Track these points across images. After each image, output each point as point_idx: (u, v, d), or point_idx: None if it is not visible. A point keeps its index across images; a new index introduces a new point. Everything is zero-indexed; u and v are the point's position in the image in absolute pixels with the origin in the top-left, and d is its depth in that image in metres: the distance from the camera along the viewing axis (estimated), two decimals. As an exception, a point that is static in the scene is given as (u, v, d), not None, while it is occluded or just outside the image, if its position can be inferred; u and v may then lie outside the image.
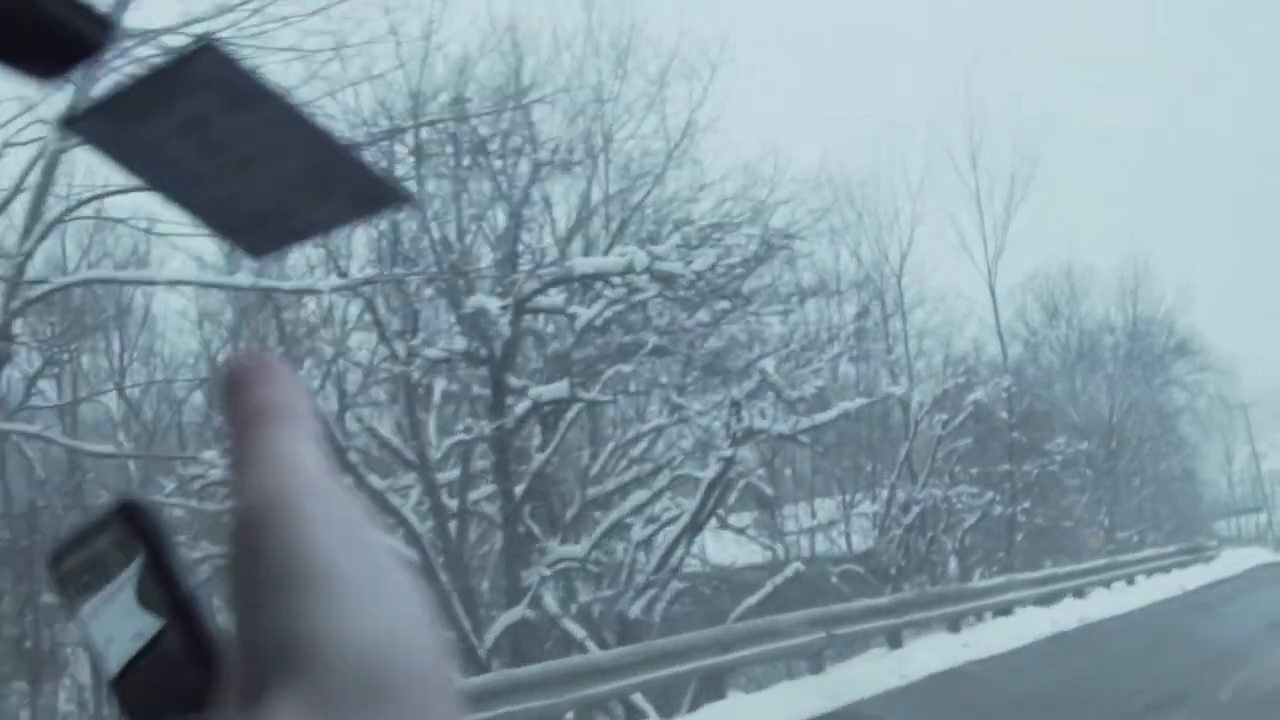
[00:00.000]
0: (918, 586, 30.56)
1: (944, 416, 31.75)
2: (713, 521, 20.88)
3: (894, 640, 15.31)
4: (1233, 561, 30.51)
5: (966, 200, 33.17)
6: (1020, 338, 49.46)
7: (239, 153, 0.49)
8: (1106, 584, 22.56)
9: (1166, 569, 27.12)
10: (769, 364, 18.11)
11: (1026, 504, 31.30)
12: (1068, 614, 18.24)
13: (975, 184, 32.82)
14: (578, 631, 16.42)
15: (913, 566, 31.34)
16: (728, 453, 16.86)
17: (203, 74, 0.47)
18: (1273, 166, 75.20)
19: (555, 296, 15.23)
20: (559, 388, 15.20)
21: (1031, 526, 33.21)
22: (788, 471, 34.40)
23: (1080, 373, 51.00)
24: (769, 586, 19.48)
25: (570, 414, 16.15)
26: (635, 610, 18.65)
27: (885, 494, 32.53)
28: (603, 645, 17.86)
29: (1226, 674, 12.40)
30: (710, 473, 18.84)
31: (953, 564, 31.92)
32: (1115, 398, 50.01)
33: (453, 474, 17.13)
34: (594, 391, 15.81)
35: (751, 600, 19.50)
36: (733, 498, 20.23)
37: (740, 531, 20.25)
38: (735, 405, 18.19)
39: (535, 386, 15.35)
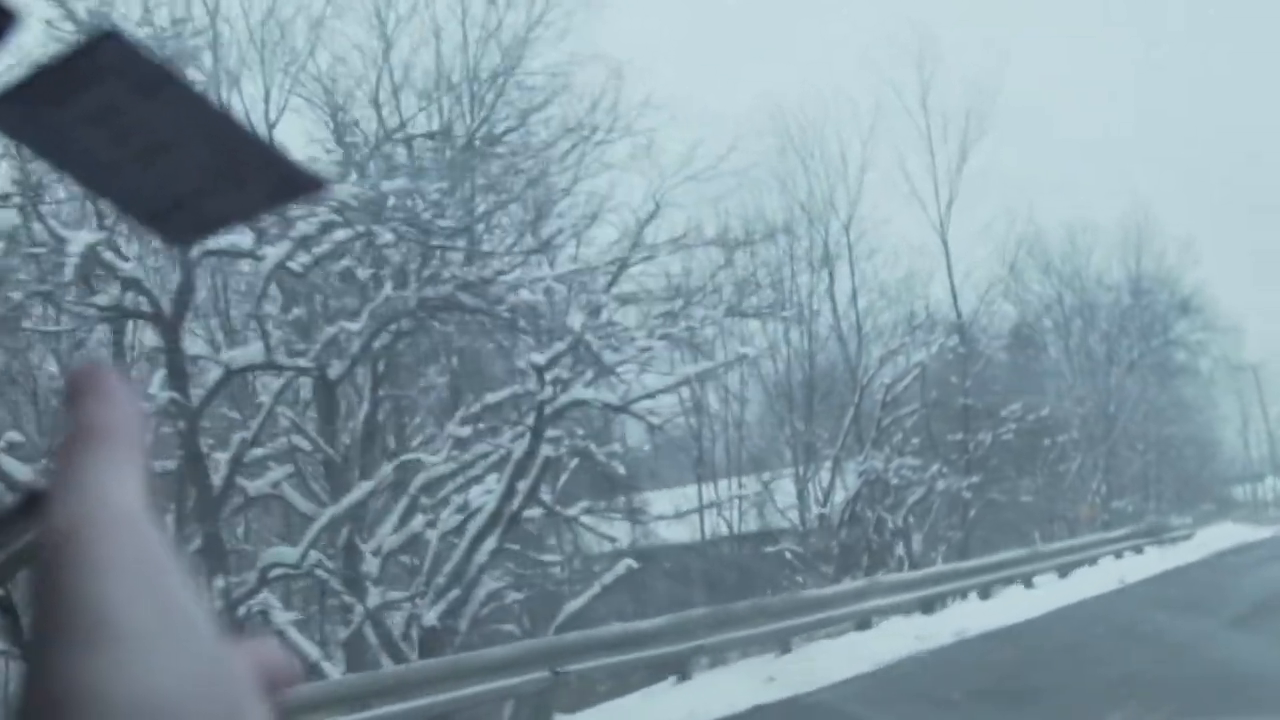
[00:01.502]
0: (859, 572, 27.08)
1: (886, 381, 28.10)
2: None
3: (684, 671, 11.78)
4: (1203, 543, 26.52)
5: (919, 145, 29.27)
6: (1012, 294, 45.65)
7: (150, 141, 0.48)
8: (1028, 579, 18.70)
9: (1118, 554, 23.24)
10: (575, 320, 14.56)
11: (975, 478, 27.44)
12: (944, 625, 14.59)
13: (926, 125, 28.86)
14: (311, 650, 13.03)
15: (860, 547, 27.79)
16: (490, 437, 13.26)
17: (107, 62, 0.46)
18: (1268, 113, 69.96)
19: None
20: (253, 352, 11.73)
21: (988, 502, 29.39)
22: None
23: (1076, 331, 47.08)
24: (596, 587, 16.00)
25: (278, 384, 12.63)
26: (432, 617, 15.30)
27: (829, 465, 29.09)
28: (399, 660, 14.62)
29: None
30: (517, 451, 15.46)
31: (904, 545, 28.08)
32: (1114, 358, 46.13)
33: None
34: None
35: (575, 604, 16.04)
36: (563, 479, 16.72)
37: (573, 520, 16.68)
38: (538, 371, 14.71)
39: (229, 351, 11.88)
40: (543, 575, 16.56)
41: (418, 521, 16.13)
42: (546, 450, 15.63)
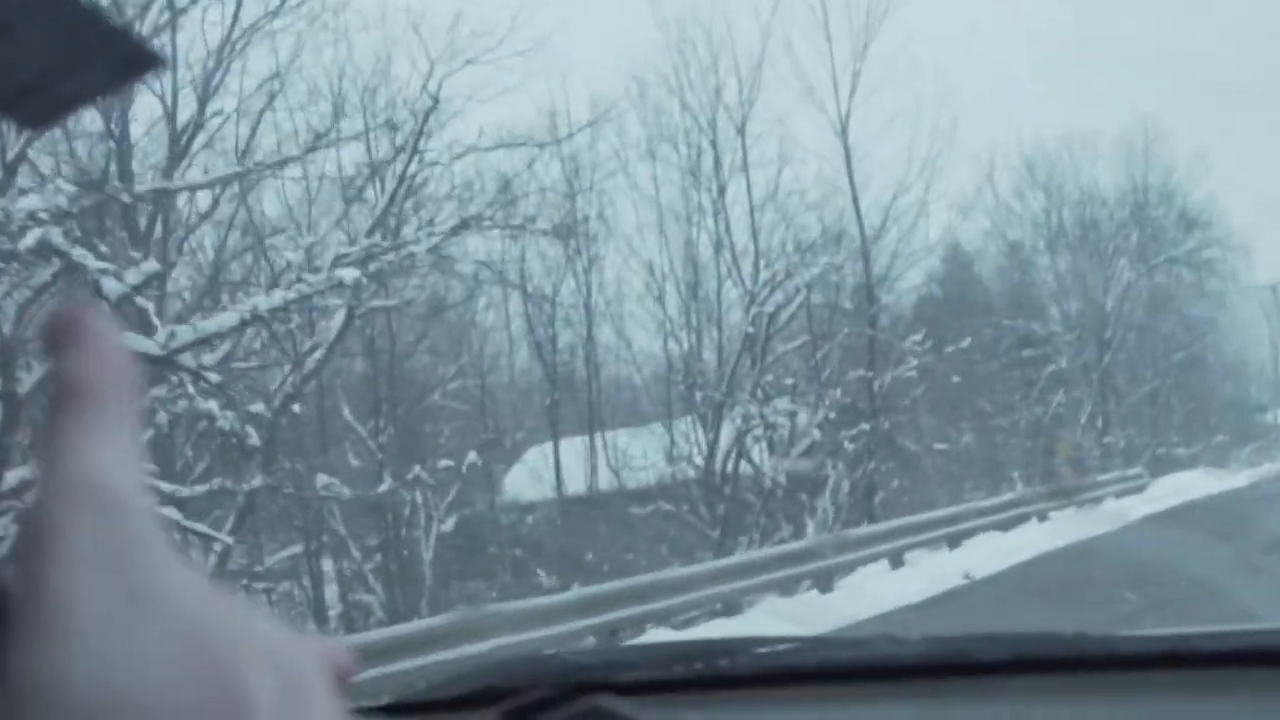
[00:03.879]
0: (755, 536, 22.10)
1: (768, 310, 22.84)
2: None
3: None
4: (1139, 502, 21.02)
5: (817, 29, 23.62)
6: (1008, 213, 40.10)
7: None
8: (824, 579, 13.32)
9: (1010, 523, 17.74)
10: (53, 233, 9.57)
11: (866, 425, 22.13)
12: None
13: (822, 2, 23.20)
14: None
15: (756, 509, 22.74)
16: None
17: None
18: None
19: None
20: None
21: (893, 455, 24.00)
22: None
23: (1068, 250, 41.37)
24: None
25: None
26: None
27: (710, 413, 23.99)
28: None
29: None
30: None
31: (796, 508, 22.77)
32: (1110, 276, 40.33)
33: None
34: None
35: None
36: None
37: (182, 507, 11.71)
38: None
39: None
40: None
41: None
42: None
